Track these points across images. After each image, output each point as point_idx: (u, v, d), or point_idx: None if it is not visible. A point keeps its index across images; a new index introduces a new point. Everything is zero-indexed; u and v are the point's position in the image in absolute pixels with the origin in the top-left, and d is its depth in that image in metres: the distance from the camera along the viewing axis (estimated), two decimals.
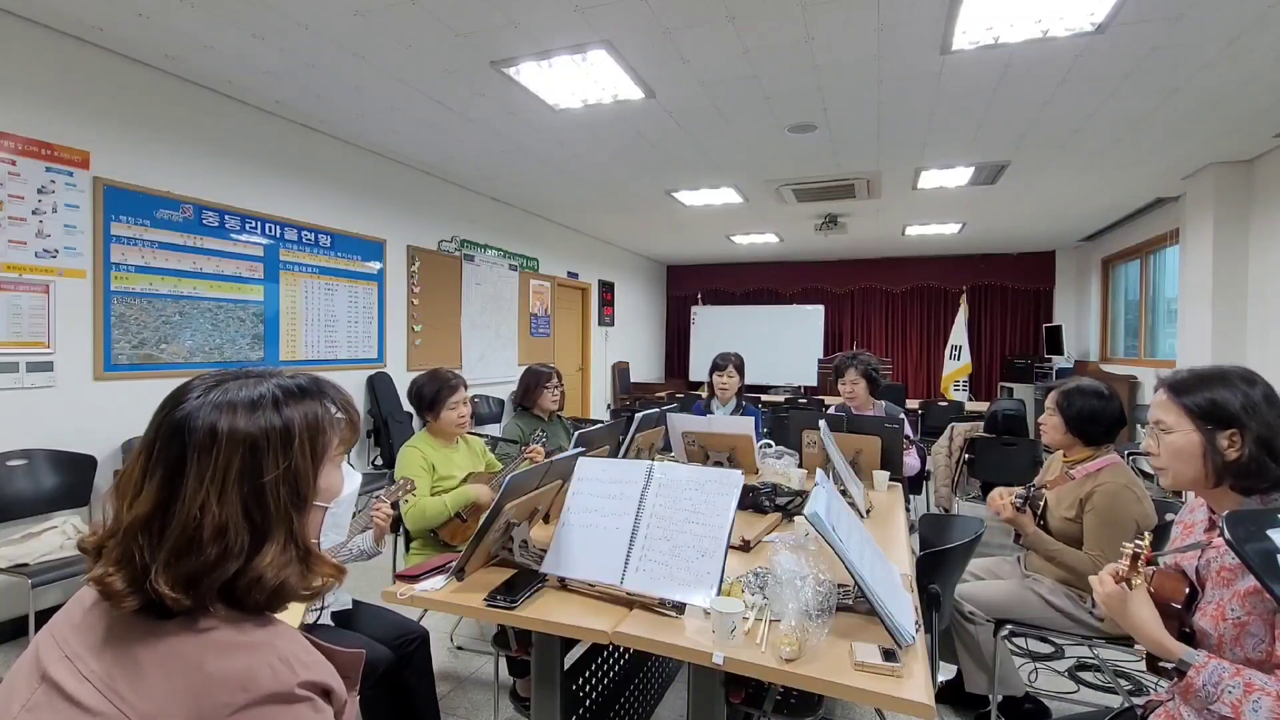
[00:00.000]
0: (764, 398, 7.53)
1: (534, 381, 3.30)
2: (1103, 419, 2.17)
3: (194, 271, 3.68)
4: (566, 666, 1.70)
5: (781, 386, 9.43)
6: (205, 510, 0.69)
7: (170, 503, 0.69)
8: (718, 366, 3.75)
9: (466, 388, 2.65)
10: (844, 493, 2.26)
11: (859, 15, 2.88)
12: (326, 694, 0.72)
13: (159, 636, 0.67)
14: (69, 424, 3.13)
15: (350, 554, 2.05)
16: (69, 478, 3.06)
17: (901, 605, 1.44)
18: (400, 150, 4.94)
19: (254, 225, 4.04)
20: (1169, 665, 1.15)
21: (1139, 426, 6.51)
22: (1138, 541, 1.20)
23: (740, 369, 3.75)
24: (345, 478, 0.87)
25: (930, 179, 5.51)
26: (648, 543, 1.62)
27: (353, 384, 4.84)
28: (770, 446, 3.08)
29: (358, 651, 0.83)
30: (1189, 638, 1.22)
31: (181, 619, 0.68)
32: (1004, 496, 2.22)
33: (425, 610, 1.87)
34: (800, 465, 2.94)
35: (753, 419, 3.11)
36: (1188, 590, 1.24)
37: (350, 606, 2.02)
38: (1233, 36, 3.02)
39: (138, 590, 0.67)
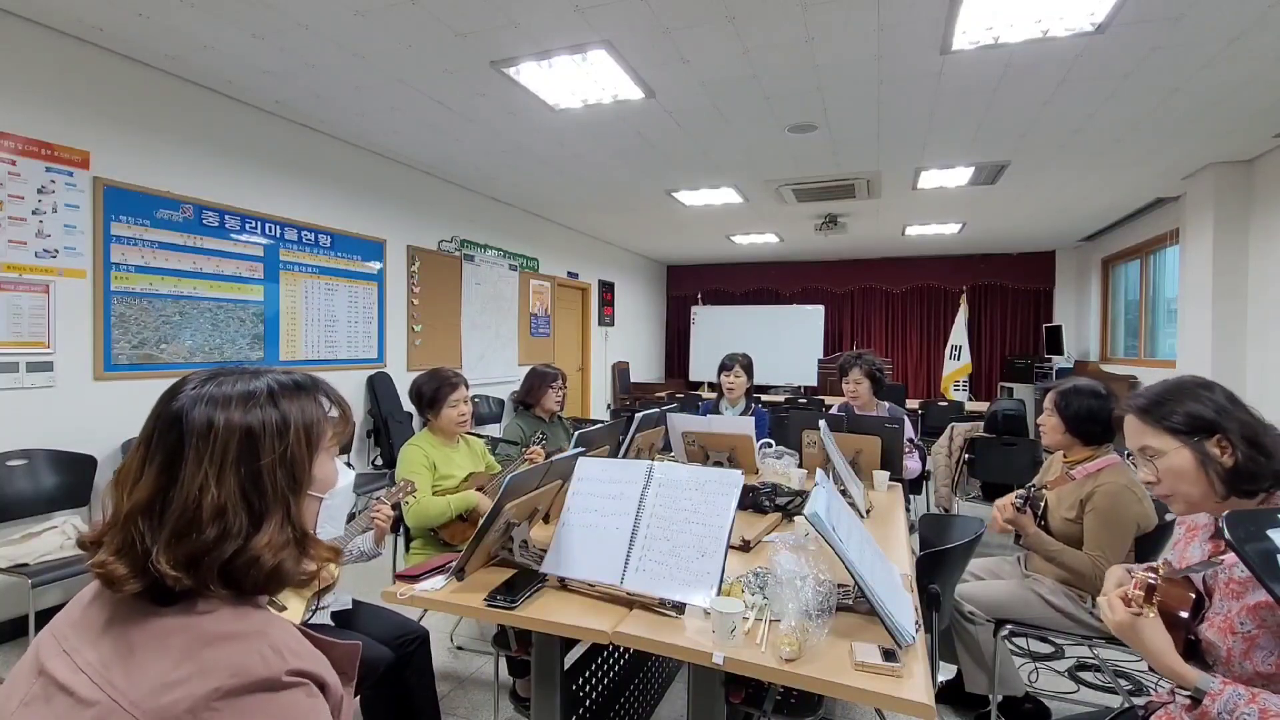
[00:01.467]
0: (764, 398, 7.53)
1: (538, 381, 3.30)
2: (1100, 418, 2.16)
3: (194, 271, 3.68)
4: (566, 666, 1.70)
5: (781, 386, 9.43)
6: (204, 492, 0.70)
7: (169, 487, 0.71)
8: (725, 366, 3.75)
9: (468, 386, 2.65)
10: (844, 493, 2.26)
11: (859, 15, 2.88)
12: (321, 686, 0.73)
13: (156, 620, 0.68)
14: (69, 424, 3.13)
15: (351, 555, 2.05)
16: (69, 478, 3.06)
17: (901, 605, 1.44)
18: (400, 150, 4.94)
19: (254, 225, 4.04)
20: (1185, 692, 1.12)
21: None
22: (1150, 574, 1.15)
23: (747, 369, 3.75)
24: (339, 473, 0.88)
25: (930, 179, 5.51)
26: (648, 543, 1.61)
27: (353, 384, 4.85)
28: (770, 446, 3.08)
29: (354, 644, 0.84)
30: (1194, 645, 1.20)
31: (181, 603, 0.69)
32: (1005, 510, 2.20)
33: (425, 610, 1.87)
34: (800, 465, 2.94)
35: (754, 419, 3.11)
36: (1194, 597, 1.22)
37: (350, 606, 2.02)
38: (1233, 36, 3.02)
39: (140, 574, 0.68)
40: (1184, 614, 1.19)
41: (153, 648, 0.66)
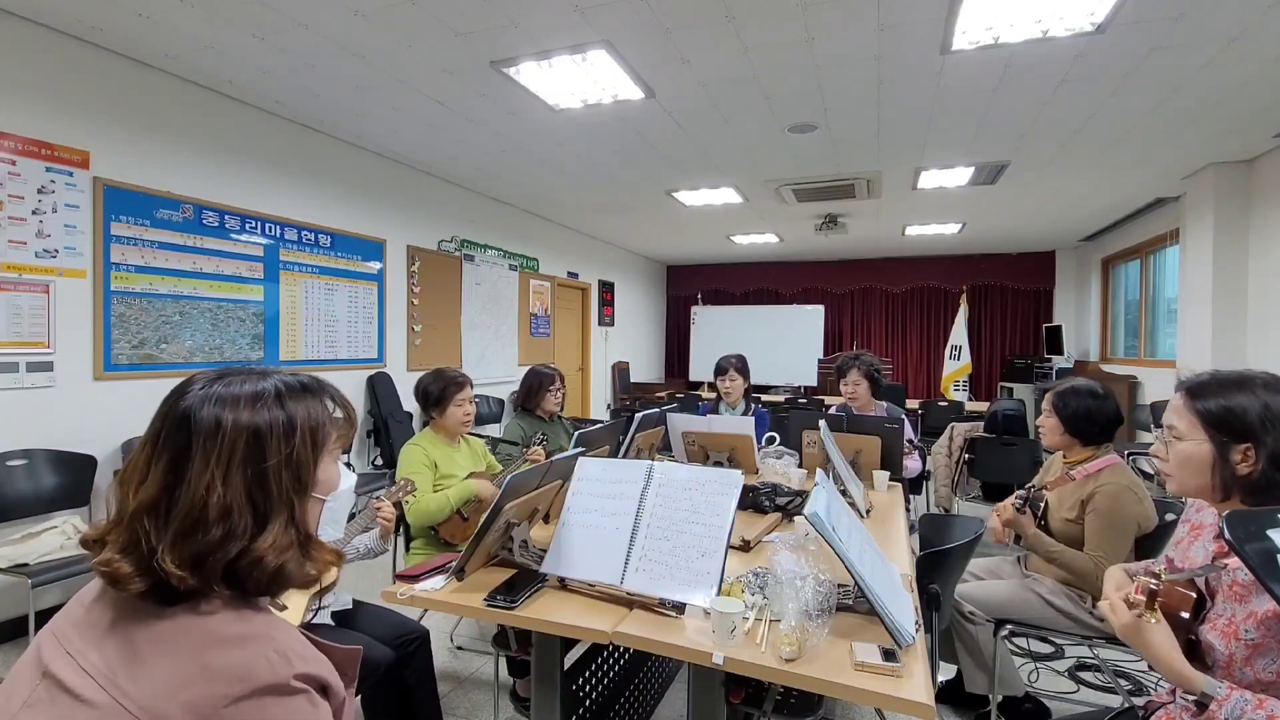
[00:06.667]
0: (764, 398, 7.54)
1: (537, 383, 3.30)
2: (1098, 418, 2.17)
3: (194, 271, 3.68)
4: (566, 666, 1.70)
5: (781, 386, 9.43)
6: (210, 491, 0.71)
7: (176, 486, 0.71)
8: (720, 370, 3.74)
9: (473, 386, 2.66)
10: (844, 493, 2.26)
11: (859, 15, 2.88)
12: (324, 689, 0.73)
13: (161, 622, 0.68)
14: (69, 424, 3.13)
15: (356, 552, 2.06)
16: (69, 478, 3.06)
17: (901, 605, 1.44)
18: (400, 150, 4.94)
19: (254, 225, 4.04)
20: (1190, 696, 1.10)
21: (1148, 428, 6.51)
22: (1151, 579, 1.12)
23: (742, 370, 3.73)
24: (341, 475, 0.89)
25: (930, 179, 5.51)
26: (648, 543, 1.61)
27: (353, 384, 4.85)
28: (775, 440, 3.08)
29: (354, 648, 0.84)
30: (1194, 645, 1.19)
31: (185, 603, 0.70)
32: (1005, 511, 2.20)
33: (425, 610, 1.87)
34: (800, 465, 2.94)
35: (753, 419, 3.11)
36: (1195, 597, 1.21)
37: (350, 606, 2.02)
38: (1233, 36, 3.02)
39: (145, 573, 0.69)
40: (1185, 615, 1.19)
41: (158, 651, 0.66)
